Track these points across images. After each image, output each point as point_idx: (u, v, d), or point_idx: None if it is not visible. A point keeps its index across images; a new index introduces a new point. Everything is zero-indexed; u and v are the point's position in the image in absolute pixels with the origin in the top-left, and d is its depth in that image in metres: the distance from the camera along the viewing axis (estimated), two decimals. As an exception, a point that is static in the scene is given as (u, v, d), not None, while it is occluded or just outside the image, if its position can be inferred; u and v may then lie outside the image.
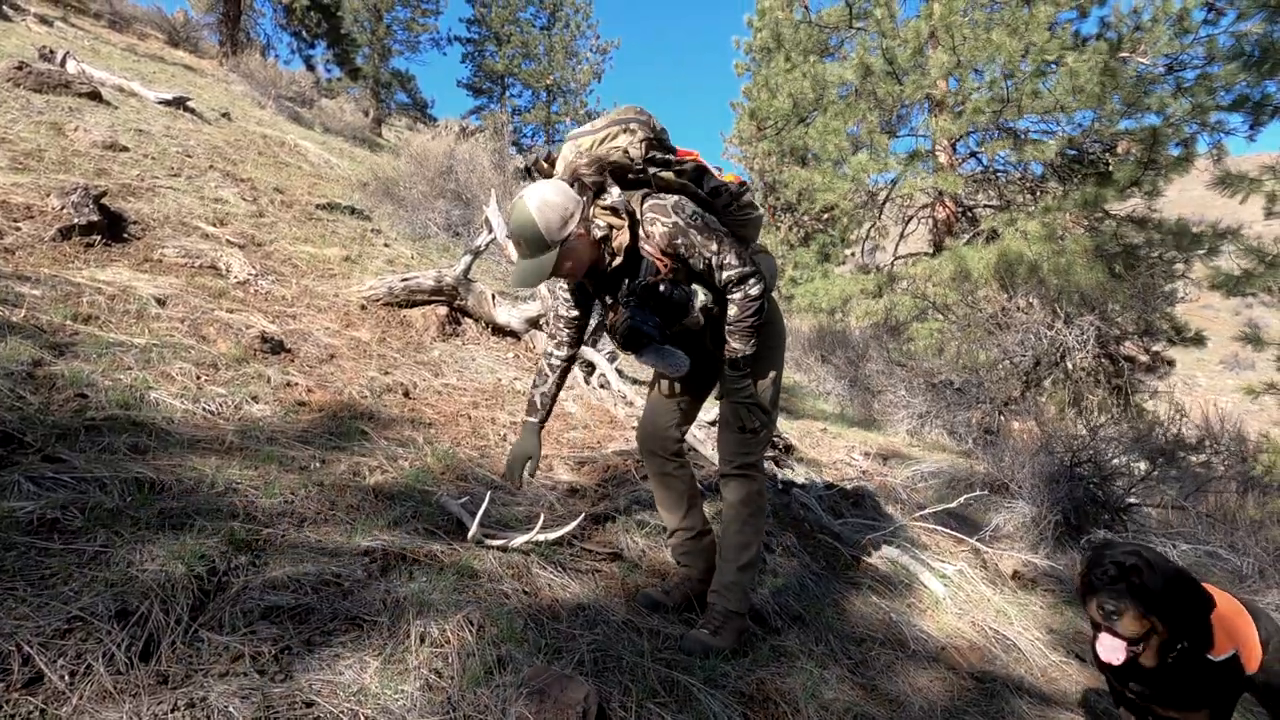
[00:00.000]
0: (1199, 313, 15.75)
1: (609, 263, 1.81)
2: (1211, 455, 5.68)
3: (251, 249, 4.44)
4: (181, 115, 7.83)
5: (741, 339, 1.82)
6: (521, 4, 21.45)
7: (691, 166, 1.90)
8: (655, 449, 2.10)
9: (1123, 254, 8.04)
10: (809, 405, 5.89)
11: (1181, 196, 9.65)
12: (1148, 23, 8.61)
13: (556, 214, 1.69)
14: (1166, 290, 8.67)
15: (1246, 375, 16.99)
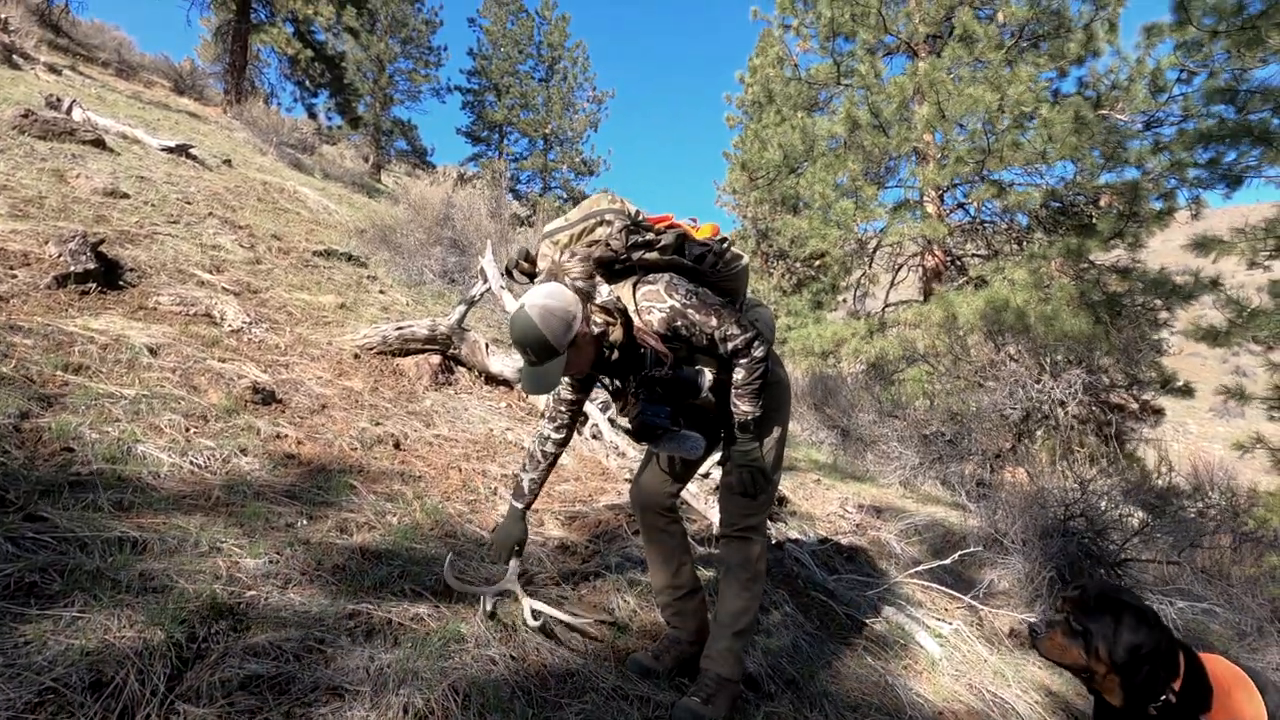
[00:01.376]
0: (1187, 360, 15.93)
1: (609, 356, 1.81)
2: (1204, 508, 5.68)
3: (247, 296, 4.46)
4: (183, 162, 7.96)
5: (750, 400, 1.84)
6: (520, 57, 22.14)
7: (673, 239, 1.88)
8: (648, 505, 2.10)
9: (1107, 303, 8.17)
10: (802, 454, 5.87)
11: (1165, 246, 9.87)
12: (1124, 82, 8.95)
13: (560, 320, 1.67)
14: (1154, 339, 8.80)
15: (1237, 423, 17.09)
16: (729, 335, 1.78)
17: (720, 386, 1.90)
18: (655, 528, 2.09)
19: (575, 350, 1.72)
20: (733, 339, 1.79)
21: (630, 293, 1.81)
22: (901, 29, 9.84)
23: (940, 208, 10.06)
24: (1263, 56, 7.51)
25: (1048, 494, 3.39)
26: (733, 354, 1.80)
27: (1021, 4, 8.80)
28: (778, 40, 11.44)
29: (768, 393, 1.89)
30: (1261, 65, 7.76)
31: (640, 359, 1.82)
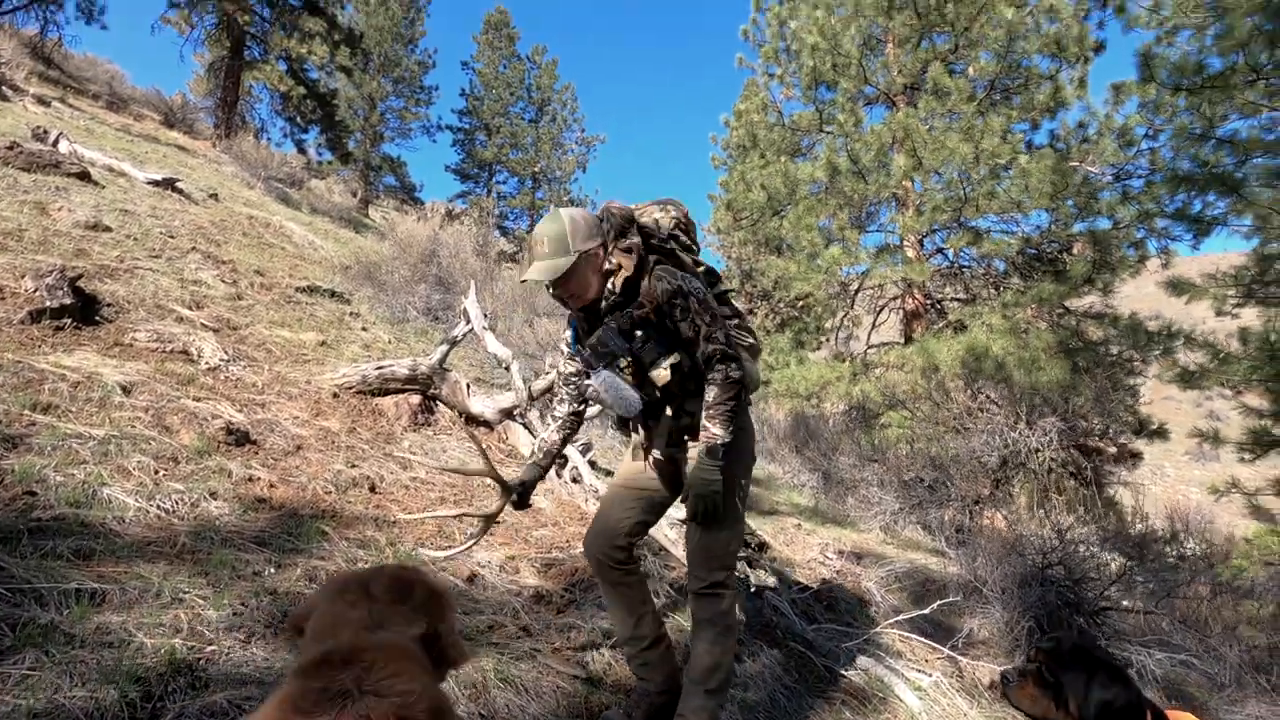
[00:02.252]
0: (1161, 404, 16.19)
1: (608, 297, 1.90)
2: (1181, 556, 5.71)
3: (226, 333, 4.42)
4: (169, 195, 7.96)
5: (721, 423, 1.82)
6: (511, 98, 22.58)
7: (706, 269, 2.04)
8: (600, 555, 2.01)
9: (1084, 350, 8.32)
10: (784, 497, 5.86)
11: (1138, 292, 10.14)
12: (1094, 136, 9.27)
13: (583, 227, 1.86)
14: (1129, 384, 8.96)
15: (1212, 466, 17.32)
16: (714, 338, 1.84)
17: (681, 386, 1.90)
18: (611, 581, 2.03)
19: (583, 263, 1.85)
20: (716, 342, 1.84)
21: (651, 263, 1.90)
22: (880, 80, 10.17)
23: (920, 252, 10.27)
24: (1224, 113, 7.86)
25: (1026, 542, 3.40)
26: (708, 359, 1.84)
27: (990, 58, 9.15)
28: (762, 87, 11.78)
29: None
30: (1223, 122, 8.11)
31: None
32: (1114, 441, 7.00)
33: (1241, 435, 7.97)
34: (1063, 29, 8.56)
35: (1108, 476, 8.59)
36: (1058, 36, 8.51)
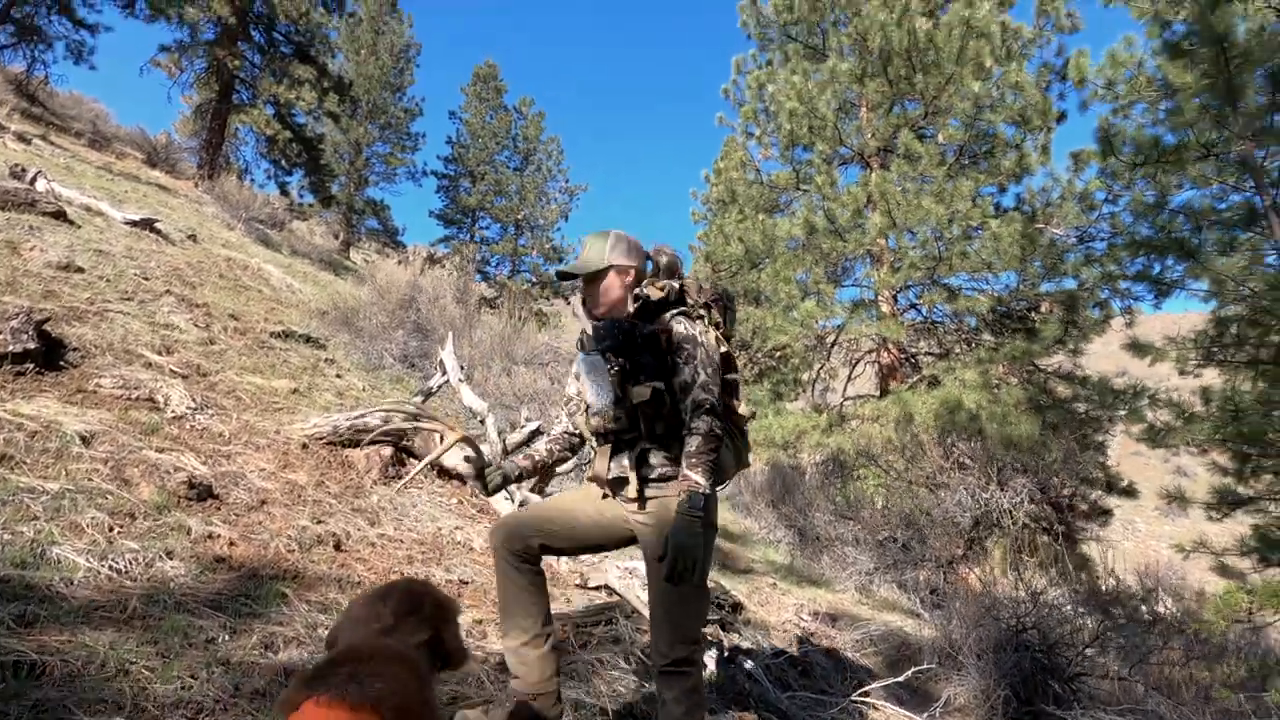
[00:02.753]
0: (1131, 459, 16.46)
1: (626, 312, 2.04)
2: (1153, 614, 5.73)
3: (195, 380, 4.34)
4: (146, 236, 7.90)
5: (703, 472, 1.81)
6: (497, 147, 22.99)
7: (726, 352, 2.06)
8: (503, 543, 1.98)
9: (1054, 407, 8.48)
10: (759, 554, 5.79)
11: (1104, 349, 10.44)
12: (1057, 200, 9.67)
13: (623, 248, 2.07)
14: (1098, 441, 9.13)
15: (1182, 522, 17.52)
16: (707, 388, 1.88)
17: (651, 419, 1.91)
18: (504, 569, 1.98)
19: (611, 274, 2.05)
20: (707, 392, 1.87)
21: (675, 311, 2.02)
22: (855, 142, 10.55)
23: (894, 307, 10.50)
24: (1178, 183, 8.25)
25: (1000, 605, 3.39)
26: (696, 405, 1.87)
27: (958, 126, 9.57)
28: (741, 146, 12.15)
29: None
30: (1178, 190, 8.52)
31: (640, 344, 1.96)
32: (1085, 499, 7.08)
33: (1208, 494, 8.12)
34: (1026, 101, 9.00)
35: (1080, 532, 8.67)
36: (1021, 109, 8.94)
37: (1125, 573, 10.32)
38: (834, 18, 10.51)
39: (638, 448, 1.95)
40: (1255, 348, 7.44)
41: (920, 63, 9.40)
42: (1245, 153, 6.82)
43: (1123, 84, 8.43)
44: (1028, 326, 9.54)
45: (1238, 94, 6.38)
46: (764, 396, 12.85)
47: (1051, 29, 9.70)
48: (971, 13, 8.86)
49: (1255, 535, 6.68)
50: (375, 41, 21.84)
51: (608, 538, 2.07)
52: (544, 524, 2.04)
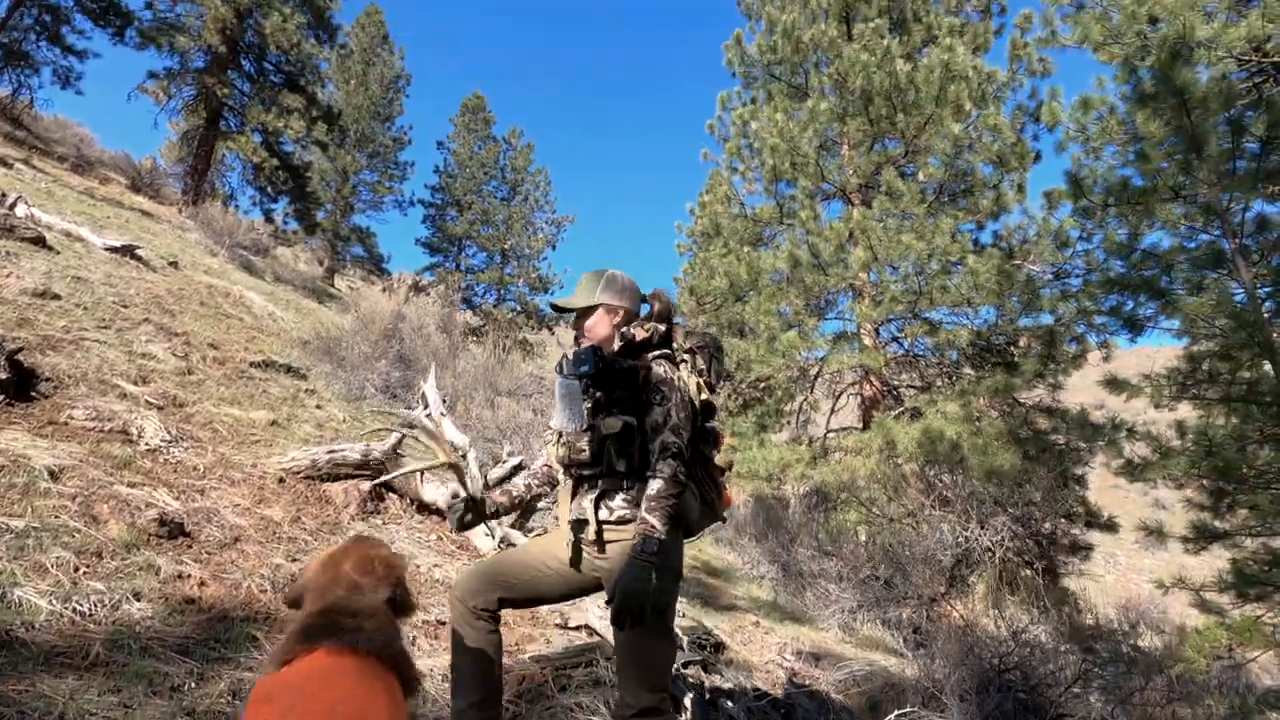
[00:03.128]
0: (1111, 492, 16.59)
1: (610, 350, 2.06)
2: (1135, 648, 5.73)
3: (171, 411, 4.27)
4: (127, 263, 7.83)
5: (661, 517, 1.77)
6: (484, 177, 23.18)
7: (707, 400, 2.06)
8: (461, 597, 1.97)
9: (1034, 439, 8.57)
10: (742, 591, 5.74)
11: (1082, 381, 10.62)
12: (1034, 237, 9.90)
13: (616, 287, 2.13)
14: (1077, 474, 9.22)
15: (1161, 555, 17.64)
16: (677, 434, 1.87)
17: (617, 454, 1.91)
18: (459, 626, 1.94)
19: (600, 313, 2.11)
20: (675, 438, 1.86)
21: (657, 354, 2.04)
22: (837, 179, 10.77)
23: (876, 340, 10.61)
24: (1149, 223, 8.50)
25: (982, 644, 3.37)
26: (663, 448, 1.86)
27: (938, 164, 9.81)
28: (725, 180, 12.35)
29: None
30: (1149, 229, 8.77)
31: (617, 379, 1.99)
32: (1066, 533, 7.12)
33: (1185, 528, 8.20)
34: (1003, 142, 9.26)
35: (1062, 566, 8.70)
36: (999, 150, 9.19)
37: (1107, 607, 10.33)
38: (816, 59, 10.80)
39: (599, 487, 1.93)
40: (1227, 384, 7.59)
41: (900, 103, 9.66)
42: (1211, 197, 7.05)
43: (1094, 125, 8.71)
44: (1008, 360, 9.68)
45: (1201, 141, 6.61)
46: (748, 428, 12.88)
47: (1024, 73, 10.04)
48: (950, 57, 9.15)
49: (1232, 570, 6.72)
50: (365, 72, 22.08)
51: (574, 586, 2.04)
52: (504, 575, 2.01)
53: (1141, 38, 7.58)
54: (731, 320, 12.12)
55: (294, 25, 14.82)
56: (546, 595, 2.07)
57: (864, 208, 10.00)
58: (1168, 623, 10.99)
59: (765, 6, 11.46)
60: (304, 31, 15.43)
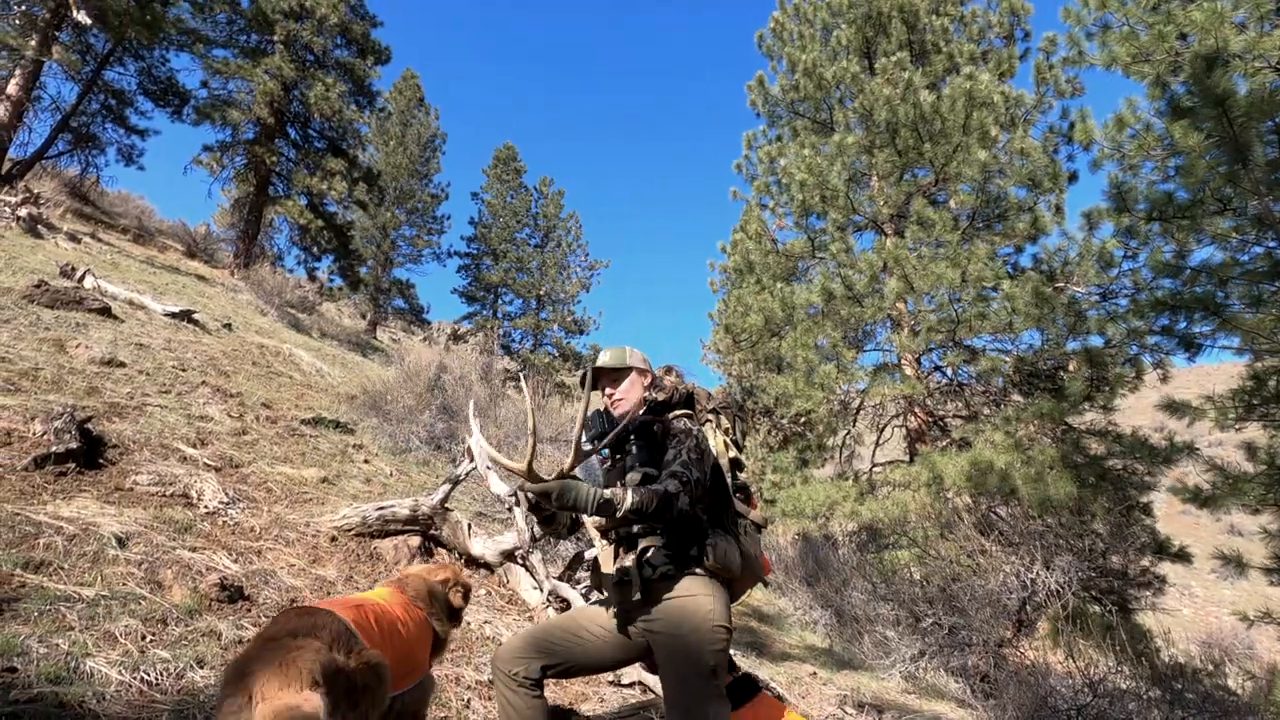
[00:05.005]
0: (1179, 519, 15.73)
1: (638, 412, 2.15)
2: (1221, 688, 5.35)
3: (228, 472, 4.41)
4: (185, 327, 8.21)
5: (633, 498, 1.81)
6: (518, 225, 23.82)
7: (735, 458, 2.18)
8: (502, 665, 2.00)
9: (1090, 465, 8.23)
10: (795, 639, 5.56)
11: (1140, 403, 10.20)
12: (1075, 258, 9.67)
13: (639, 359, 2.29)
14: (1142, 501, 8.78)
15: (1241, 585, 16.59)
16: (685, 468, 1.91)
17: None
18: (507, 696, 1.96)
19: (635, 375, 2.24)
20: (682, 469, 1.91)
21: (678, 415, 2.16)
22: (868, 210, 10.76)
23: (918, 370, 10.41)
24: (1197, 238, 8.24)
25: (1056, 694, 3.19)
26: (668, 475, 1.91)
27: (969, 191, 9.72)
28: (756, 217, 12.44)
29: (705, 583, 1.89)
30: (1198, 245, 8.49)
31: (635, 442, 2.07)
32: (1136, 566, 6.76)
33: (1267, 556, 7.70)
34: (1034, 165, 9.15)
35: (1134, 601, 8.22)
36: (1030, 173, 9.09)
37: (1188, 644, 9.69)
38: (839, 94, 10.92)
39: (639, 545, 1.93)
40: (1298, 402, 7.20)
41: (927, 133, 9.66)
42: (1262, 207, 6.81)
43: (1129, 143, 8.55)
44: (1056, 385, 9.38)
45: (1246, 151, 6.42)
46: (789, 464, 12.68)
47: (1053, 95, 9.96)
48: (973, 85, 9.15)
49: (1324, 602, 6.28)
50: (404, 133, 23.08)
51: (622, 652, 2.02)
52: (548, 643, 2.00)
53: (1172, 54, 7.47)
54: (769, 356, 12.05)
55: (336, 94, 15.65)
56: (592, 663, 2.06)
57: (896, 237, 9.94)
58: (1256, 659, 10.24)
59: (785, 47, 11.67)
60: (345, 99, 16.27)
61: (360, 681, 1.46)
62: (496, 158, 25.28)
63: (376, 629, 1.73)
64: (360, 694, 1.46)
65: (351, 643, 1.53)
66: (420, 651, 2.00)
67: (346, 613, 1.65)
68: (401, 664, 1.80)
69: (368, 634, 1.65)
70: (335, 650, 1.45)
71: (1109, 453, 8.69)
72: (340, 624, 1.56)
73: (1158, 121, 8.10)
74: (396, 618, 1.90)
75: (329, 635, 1.49)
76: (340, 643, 1.50)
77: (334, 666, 1.39)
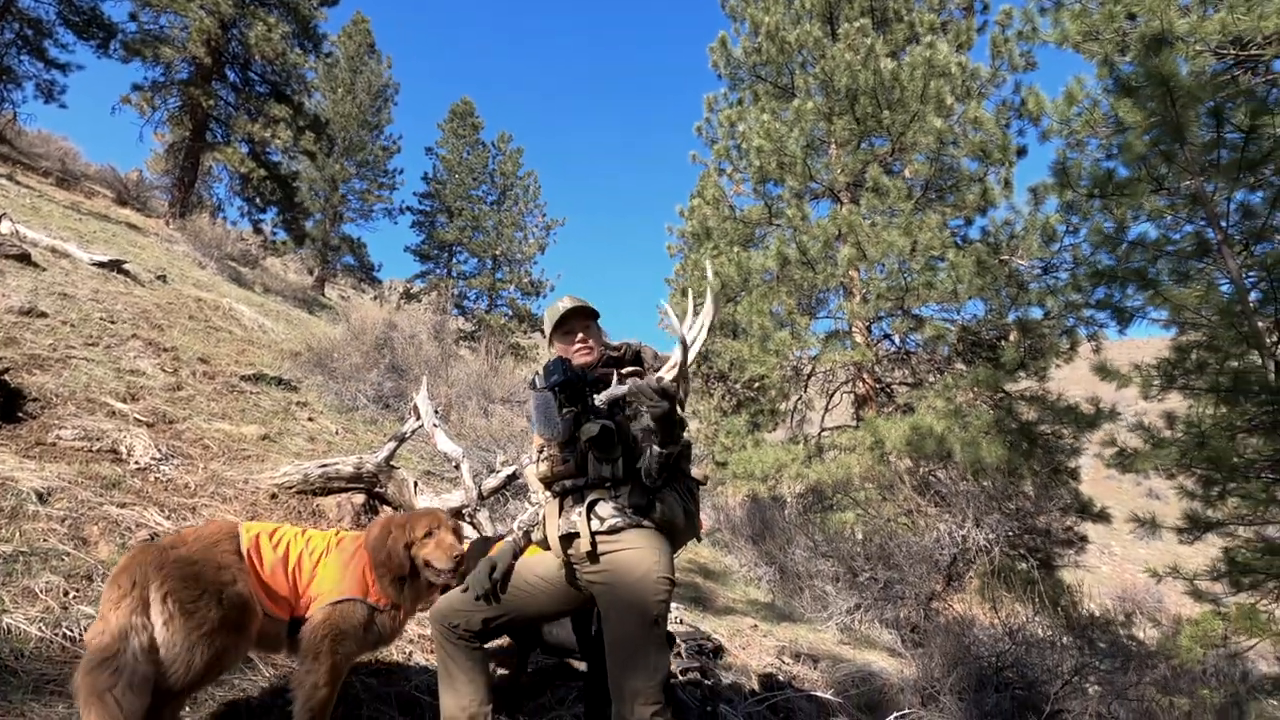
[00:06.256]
0: (1104, 483, 16.66)
1: (595, 364, 2.14)
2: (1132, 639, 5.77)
3: (161, 428, 4.24)
4: (114, 278, 7.78)
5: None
6: (474, 183, 23.15)
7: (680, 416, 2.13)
8: (441, 620, 1.98)
9: (1021, 430, 8.62)
10: (739, 594, 5.74)
11: (1075, 373, 10.70)
12: (1020, 232, 9.95)
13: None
14: (1069, 466, 9.27)
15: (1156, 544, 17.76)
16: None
17: (600, 458, 1.92)
18: (449, 645, 1.96)
19: (599, 327, 2.24)
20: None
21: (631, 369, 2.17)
22: (825, 177, 10.81)
23: (868, 337, 10.65)
24: (1134, 215, 8.56)
25: (980, 643, 3.39)
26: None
27: (924, 161, 9.86)
28: (714, 182, 12.37)
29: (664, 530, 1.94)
30: (1134, 222, 8.83)
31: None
32: (1060, 526, 7.16)
33: (1179, 518, 8.26)
34: (987, 137, 9.31)
35: (1057, 559, 8.73)
36: (983, 144, 9.23)
37: (1104, 598, 10.36)
38: (801, 59, 10.84)
39: (587, 499, 1.94)
40: (1215, 373, 7.63)
41: (886, 101, 9.70)
42: (1195, 187, 7.10)
43: (1077, 119, 8.76)
44: (996, 355, 9.73)
45: (1184, 131, 6.65)
46: (742, 427, 12.91)
47: (1007, 69, 10.10)
48: (932, 54, 9.19)
49: (1225, 559, 6.78)
50: (353, 81, 22.01)
51: (566, 602, 2.04)
52: (500, 606, 2.00)
53: (1120, 34, 7.63)
54: (724, 321, 12.13)
55: (279, 35, 14.77)
56: (535, 613, 2.08)
57: (852, 205, 10.04)
58: (1164, 612, 11.06)
59: (749, 8, 11.49)
60: (289, 41, 15.38)
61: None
62: (453, 112, 24.39)
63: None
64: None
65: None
66: (323, 583, 1.98)
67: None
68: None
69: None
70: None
71: (1040, 419, 9.11)
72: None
73: (1104, 100, 8.31)
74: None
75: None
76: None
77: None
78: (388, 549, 2.05)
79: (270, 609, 1.86)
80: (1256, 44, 7.32)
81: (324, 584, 1.93)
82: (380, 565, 2.03)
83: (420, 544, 2.09)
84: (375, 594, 2.01)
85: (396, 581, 2.05)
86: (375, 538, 2.08)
